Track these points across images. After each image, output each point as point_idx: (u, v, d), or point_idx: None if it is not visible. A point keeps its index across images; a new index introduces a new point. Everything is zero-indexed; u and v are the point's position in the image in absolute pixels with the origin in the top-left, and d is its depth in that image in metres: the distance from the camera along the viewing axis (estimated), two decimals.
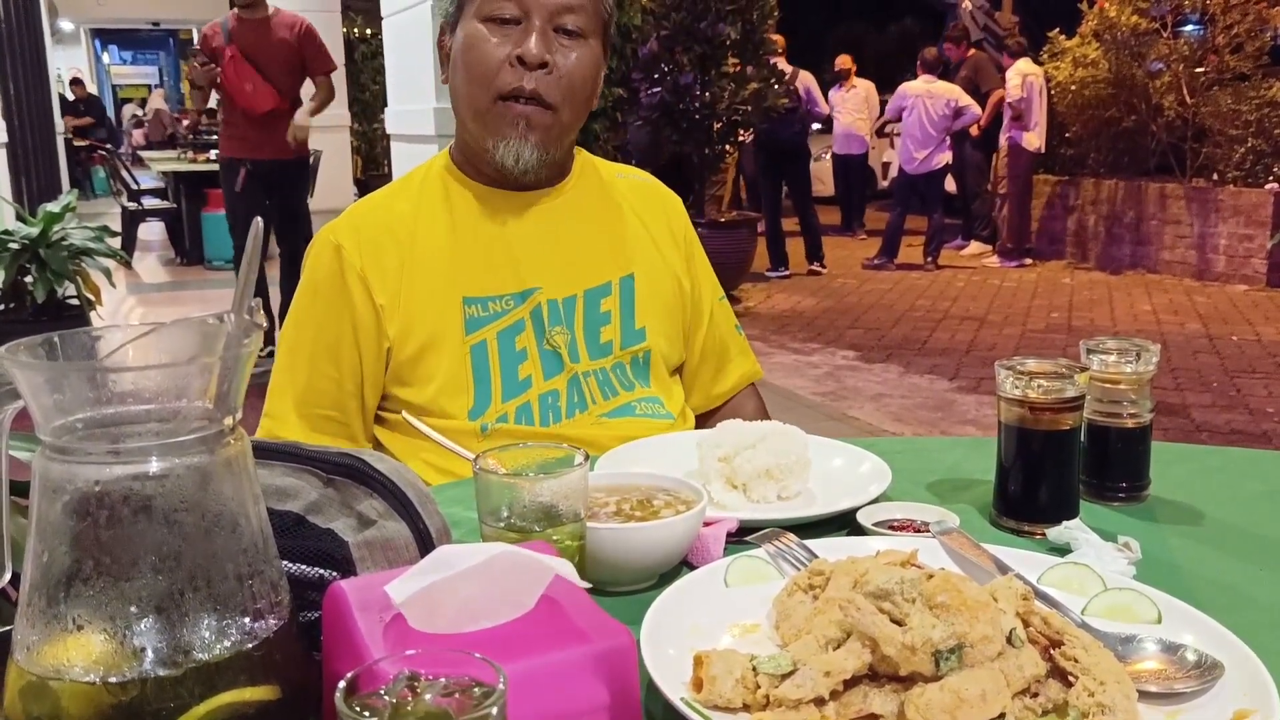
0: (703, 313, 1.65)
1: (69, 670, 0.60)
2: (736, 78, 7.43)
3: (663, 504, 1.05)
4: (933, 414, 5.16)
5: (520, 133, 1.43)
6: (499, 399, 1.45)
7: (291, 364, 1.48)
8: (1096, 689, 0.71)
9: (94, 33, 26.67)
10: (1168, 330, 6.85)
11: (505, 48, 1.41)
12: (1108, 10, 9.34)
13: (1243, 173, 8.61)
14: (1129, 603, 0.88)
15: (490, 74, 1.42)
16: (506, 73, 1.41)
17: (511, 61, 1.41)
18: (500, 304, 1.47)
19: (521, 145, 1.43)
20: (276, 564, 0.67)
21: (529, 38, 1.40)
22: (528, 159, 1.44)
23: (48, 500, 0.61)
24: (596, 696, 0.68)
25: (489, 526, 0.91)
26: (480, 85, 1.43)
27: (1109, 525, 1.12)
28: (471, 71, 1.43)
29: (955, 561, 0.95)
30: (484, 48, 1.42)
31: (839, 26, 19.46)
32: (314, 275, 1.48)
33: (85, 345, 0.65)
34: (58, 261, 5.09)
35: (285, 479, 0.86)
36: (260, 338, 0.66)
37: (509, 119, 1.43)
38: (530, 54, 1.40)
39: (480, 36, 1.42)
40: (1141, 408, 1.20)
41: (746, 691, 0.73)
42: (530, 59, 1.40)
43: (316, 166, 7.01)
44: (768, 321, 7.39)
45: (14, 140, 7.41)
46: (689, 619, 0.86)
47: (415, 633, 0.68)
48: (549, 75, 1.41)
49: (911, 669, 0.71)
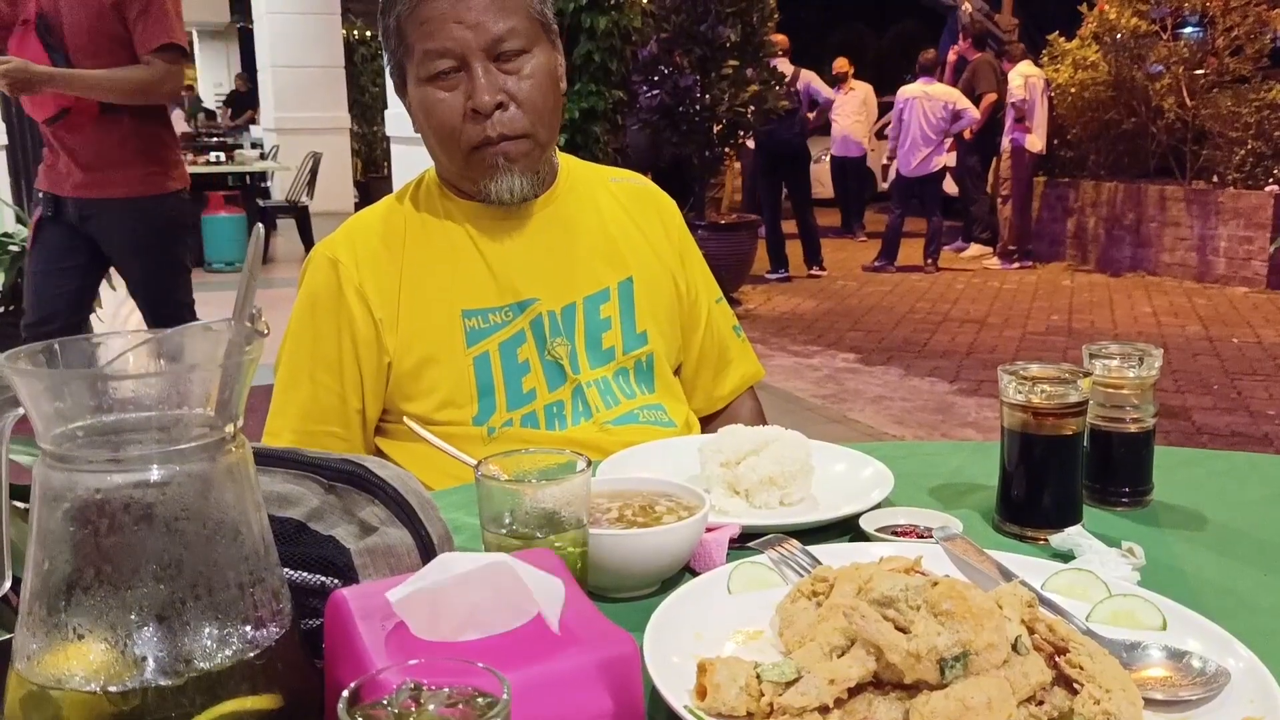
0: (699, 314, 1.64)
1: (70, 679, 0.60)
2: (736, 80, 7.43)
3: (665, 510, 1.05)
4: (933, 416, 5.15)
5: (504, 169, 1.43)
6: (504, 409, 1.45)
7: (292, 381, 1.48)
8: (1102, 696, 0.71)
9: None
10: (1168, 332, 6.85)
11: (459, 99, 1.40)
12: (1108, 12, 9.34)
13: (1243, 175, 8.61)
14: (1133, 609, 0.88)
15: (455, 133, 1.42)
16: (469, 128, 1.41)
17: (467, 114, 1.40)
18: (500, 315, 1.46)
19: (510, 179, 1.44)
20: (278, 571, 0.67)
21: (475, 85, 1.39)
22: (520, 188, 1.45)
23: (48, 508, 0.60)
24: (600, 704, 0.67)
25: (491, 533, 0.91)
26: (450, 144, 1.43)
27: (1113, 530, 1.12)
28: (438, 135, 1.43)
29: (959, 568, 0.95)
30: (439, 110, 1.41)
31: (838, 29, 19.48)
32: (312, 290, 1.48)
33: (85, 352, 0.65)
34: None
35: (286, 486, 0.86)
36: (262, 345, 0.65)
37: (488, 163, 1.43)
38: (483, 104, 1.39)
39: (431, 100, 1.42)
40: (1144, 412, 1.20)
41: (750, 699, 0.72)
42: (484, 108, 1.39)
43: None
44: (768, 324, 7.39)
45: (14, 143, 7.40)
46: (692, 626, 0.86)
47: (417, 640, 0.67)
48: (508, 112, 1.41)
49: (916, 677, 0.71)
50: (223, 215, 9.30)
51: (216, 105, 22.02)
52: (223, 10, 20.95)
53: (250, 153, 11.44)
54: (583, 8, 6.32)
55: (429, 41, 1.39)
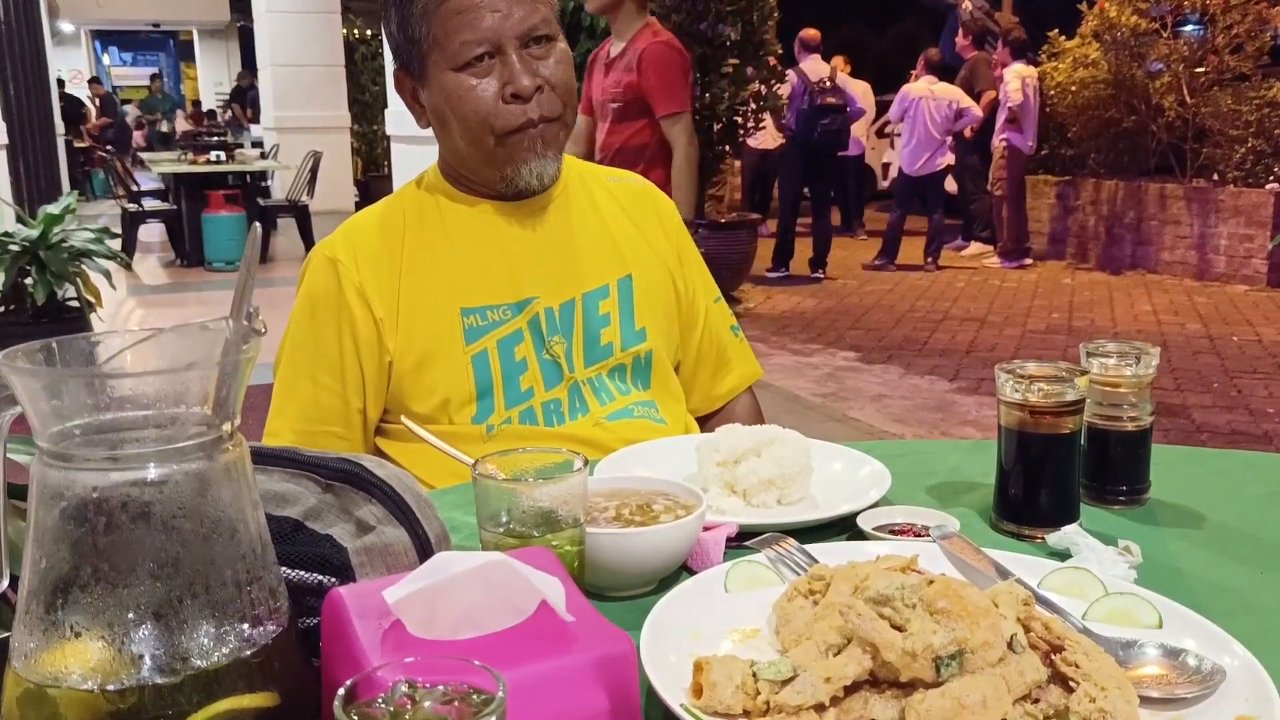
0: (698, 313, 1.65)
1: (67, 677, 0.60)
2: (736, 79, 7.43)
3: (662, 509, 1.05)
4: (933, 415, 5.15)
5: (539, 154, 1.44)
6: (502, 407, 1.45)
7: (293, 381, 1.48)
8: (1098, 695, 0.71)
9: (94, 34, 26.69)
10: (1168, 331, 6.84)
11: (492, 86, 1.41)
12: (1107, 10, 9.34)
13: (1243, 173, 8.60)
14: (1130, 607, 0.88)
15: (489, 118, 1.42)
16: (505, 112, 1.41)
17: (505, 98, 1.41)
18: (498, 313, 1.47)
19: (543, 164, 1.45)
20: (275, 570, 0.67)
21: (512, 70, 1.40)
22: (550, 173, 1.47)
23: (45, 507, 0.61)
24: (596, 703, 0.68)
25: (488, 532, 0.91)
26: (482, 131, 1.43)
27: (1109, 529, 1.12)
28: (468, 121, 1.43)
29: (956, 566, 0.95)
30: (472, 96, 1.41)
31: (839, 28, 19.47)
32: (311, 291, 1.48)
33: (83, 351, 0.65)
34: (58, 263, 5.09)
35: (284, 485, 0.86)
36: (259, 343, 0.66)
37: (524, 147, 1.43)
38: (524, 88, 1.40)
39: (463, 86, 1.41)
40: (1142, 411, 1.20)
41: (747, 698, 0.72)
42: (525, 92, 1.40)
43: None
44: (768, 322, 7.39)
45: (14, 142, 7.41)
46: (689, 625, 0.86)
47: (414, 639, 0.67)
48: (544, 94, 1.43)
49: (912, 675, 0.71)
50: (223, 214, 9.31)
51: (217, 105, 22.06)
52: (223, 9, 20.97)
53: (250, 152, 11.44)
54: (583, 6, 6.32)
55: (464, 32, 1.39)
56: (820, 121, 8.51)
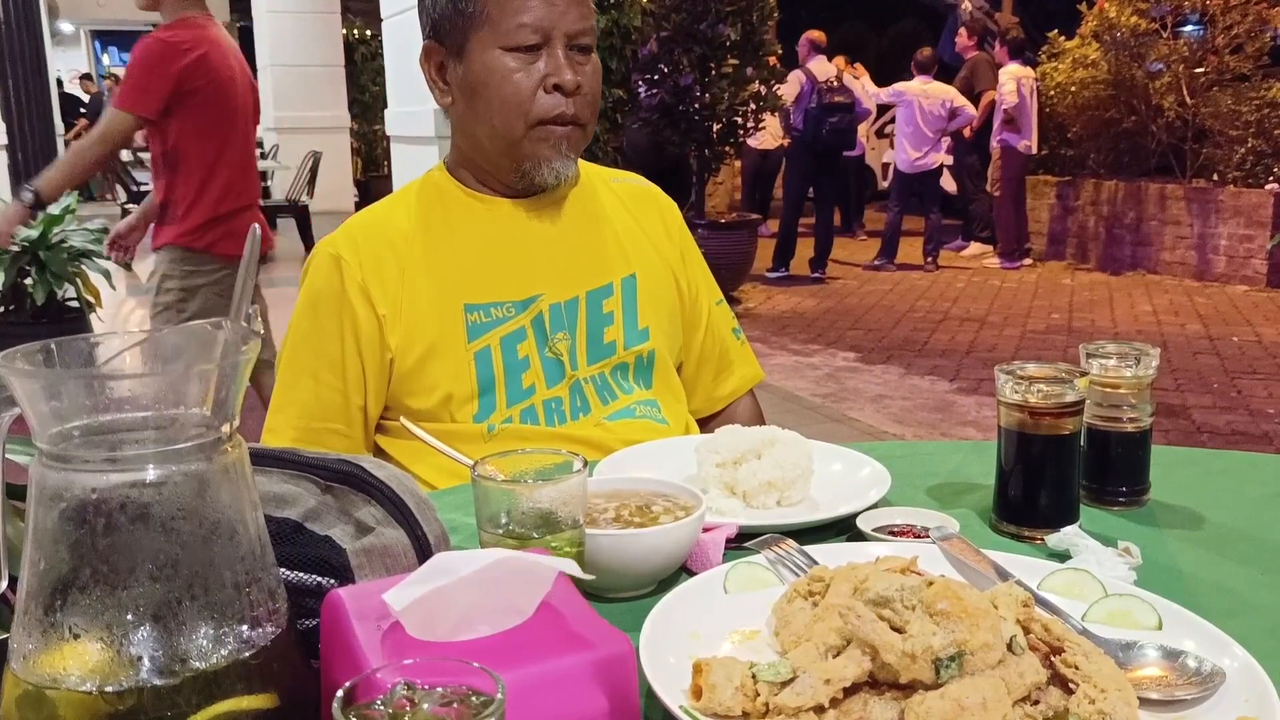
0: (700, 314, 1.65)
1: (65, 679, 0.60)
2: (736, 79, 7.43)
3: (662, 510, 1.05)
4: (933, 415, 5.15)
5: (561, 153, 1.46)
6: (504, 405, 1.45)
7: (294, 378, 1.48)
8: (1097, 696, 0.71)
9: (94, 34, 26.68)
10: (1168, 331, 6.84)
11: (533, 74, 1.42)
12: (1107, 11, 9.34)
13: (1243, 173, 8.61)
14: (1129, 609, 0.88)
15: (526, 103, 1.43)
16: (544, 100, 1.43)
17: (547, 88, 1.42)
18: (502, 310, 1.47)
19: (564, 164, 1.47)
20: (274, 571, 0.67)
21: (558, 63, 1.42)
22: (568, 174, 1.48)
23: (44, 508, 0.61)
24: (596, 704, 0.67)
25: (488, 533, 0.91)
26: (515, 115, 1.43)
27: (1109, 530, 1.12)
28: (505, 103, 1.43)
29: (955, 567, 0.95)
30: (513, 79, 1.42)
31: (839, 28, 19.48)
32: (313, 288, 1.48)
33: (82, 352, 0.65)
34: (57, 264, 5.09)
35: (283, 486, 0.86)
36: (258, 344, 0.66)
37: (550, 143, 1.44)
38: (569, 82, 1.42)
39: (506, 67, 1.42)
40: (1141, 412, 1.20)
41: (746, 699, 0.72)
42: (569, 86, 1.42)
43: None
44: (768, 323, 7.39)
45: (14, 142, 7.40)
46: (688, 626, 0.86)
47: (413, 641, 0.67)
48: (581, 97, 1.44)
49: (912, 676, 0.71)
50: None
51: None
52: (223, 9, 20.95)
53: None
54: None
55: (523, 14, 1.41)
56: (829, 120, 8.51)
